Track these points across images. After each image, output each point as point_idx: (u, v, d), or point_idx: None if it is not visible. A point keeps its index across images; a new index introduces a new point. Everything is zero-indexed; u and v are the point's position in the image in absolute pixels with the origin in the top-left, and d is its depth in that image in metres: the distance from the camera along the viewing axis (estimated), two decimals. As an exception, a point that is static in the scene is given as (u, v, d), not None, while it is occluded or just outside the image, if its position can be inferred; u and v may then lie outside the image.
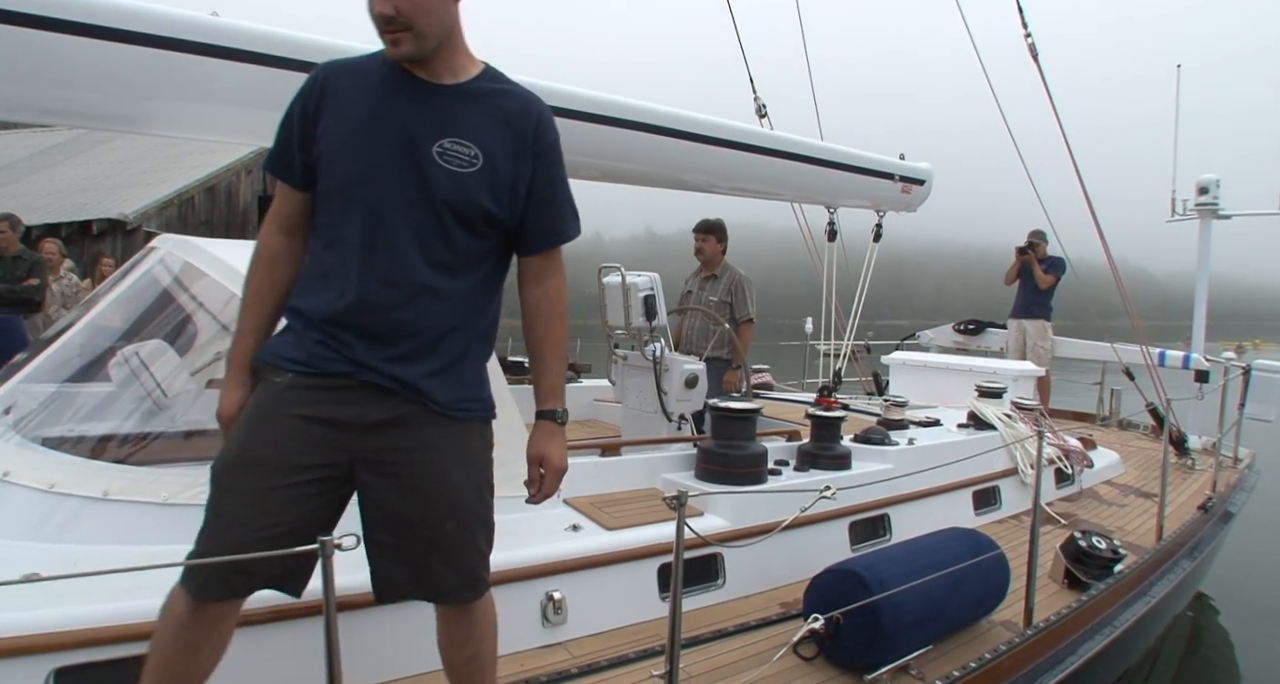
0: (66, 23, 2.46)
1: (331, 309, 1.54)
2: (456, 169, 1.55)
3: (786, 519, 2.08)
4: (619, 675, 2.15)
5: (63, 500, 2.13)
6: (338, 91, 1.58)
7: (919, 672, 2.36)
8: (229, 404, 1.60)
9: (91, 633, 1.72)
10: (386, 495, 1.56)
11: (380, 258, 1.53)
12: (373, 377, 1.53)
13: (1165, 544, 3.68)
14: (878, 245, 5.31)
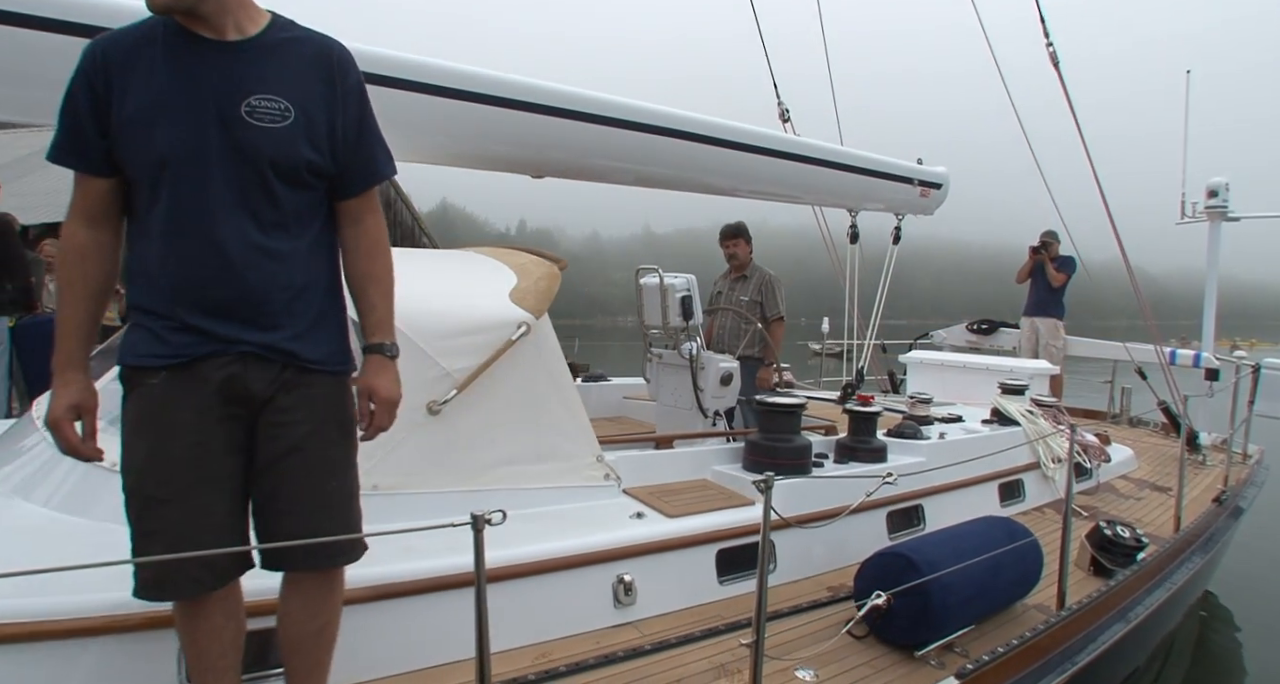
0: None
1: (178, 293, 1.52)
2: (270, 125, 1.52)
3: (853, 503, 2.24)
4: (688, 651, 2.30)
5: None
6: (125, 67, 1.49)
7: (963, 649, 2.52)
8: (57, 407, 1.51)
9: None
10: (279, 460, 1.58)
11: (213, 230, 1.50)
12: (246, 348, 1.54)
13: (1183, 534, 3.84)
14: (897, 247, 5.48)
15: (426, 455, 2.42)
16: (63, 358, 1.54)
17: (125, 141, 1.49)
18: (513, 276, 2.83)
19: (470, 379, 2.46)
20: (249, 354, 1.56)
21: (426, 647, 2.07)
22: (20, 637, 1.72)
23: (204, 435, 1.52)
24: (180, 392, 1.51)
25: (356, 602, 1.97)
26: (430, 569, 2.10)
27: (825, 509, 2.93)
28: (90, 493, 2.26)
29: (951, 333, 7.71)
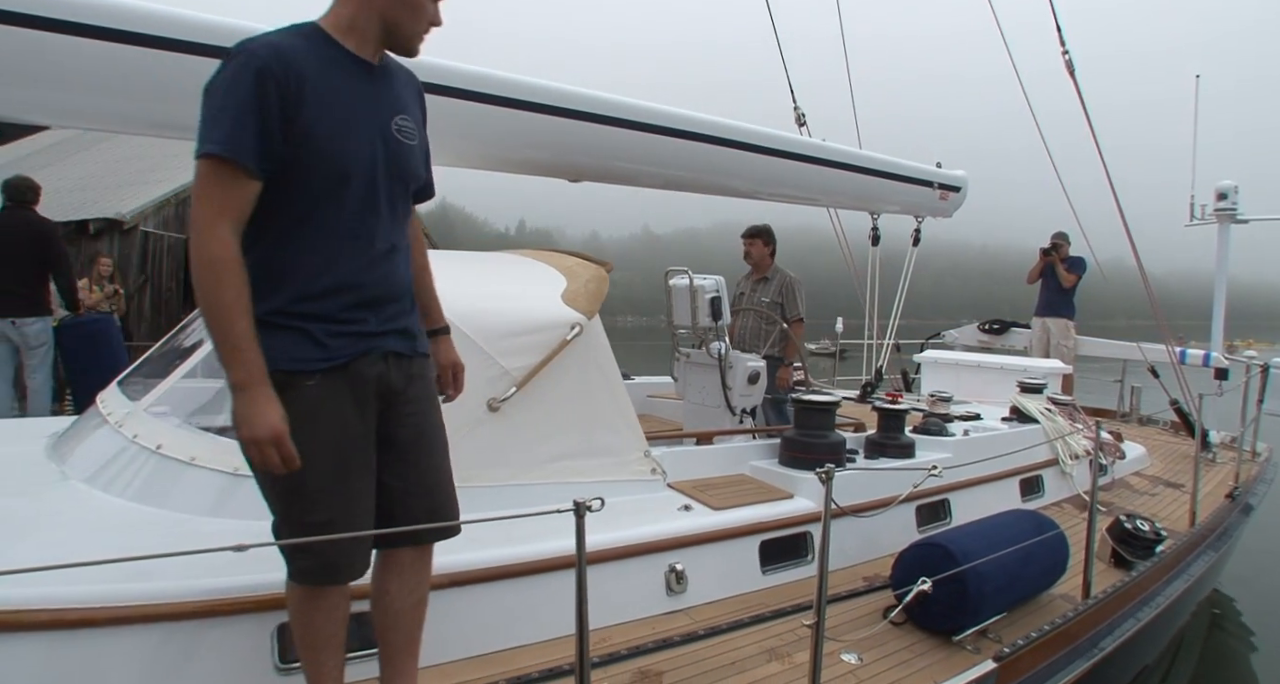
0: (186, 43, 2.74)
1: (341, 294, 1.60)
2: (410, 142, 1.70)
3: (902, 494, 2.35)
4: (740, 636, 2.42)
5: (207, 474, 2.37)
6: (311, 78, 1.55)
7: (996, 635, 2.64)
8: (275, 422, 1.48)
9: None
10: (411, 446, 1.73)
11: (375, 236, 1.64)
12: (389, 344, 1.67)
13: (1199, 528, 3.96)
14: (916, 249, 5.61)
15: (487, 450, 2.54)
16: (256, 372, 1.48)
17: (314, 151, 1.54)
18: (561, 279, 2.94)
19: (529, 377, 2.58)
20: (390, 352, 1.70)
21: (497, 630, 2.19)
22: (134, 619, 1.83)
23: (362, 429, 1.65)
24: (340, 390, 1.61)
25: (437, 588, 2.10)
26: (504, 557, 2.22)
27: (875, 499, 3.06)
28: (167, 484, 2.38)
29: (963, 333, 7.84)
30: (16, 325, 4.38)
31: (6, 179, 4.54)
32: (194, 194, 1.52)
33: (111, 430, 2.67)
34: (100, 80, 2.69)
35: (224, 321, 1.46)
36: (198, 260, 1.48)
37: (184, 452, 2.43)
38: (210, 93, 1.53)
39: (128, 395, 2.95)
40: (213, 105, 1.51)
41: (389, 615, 1.80)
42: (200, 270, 1.47)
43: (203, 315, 1.50)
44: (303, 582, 1.67)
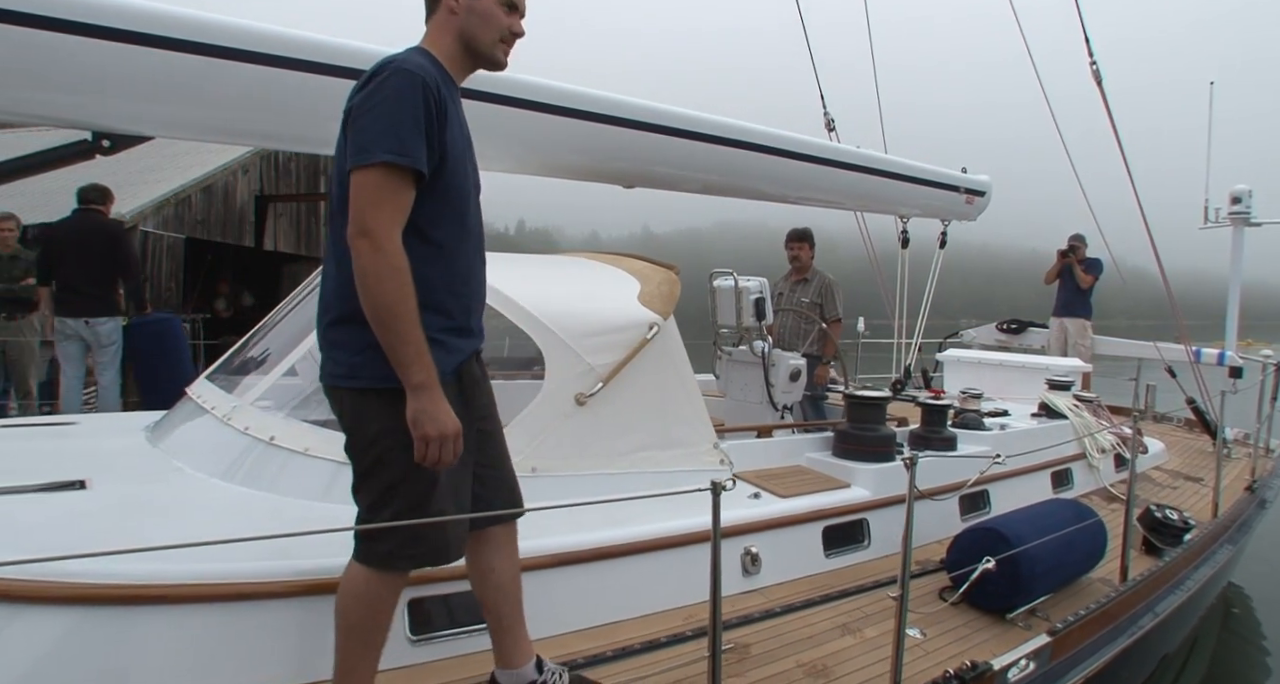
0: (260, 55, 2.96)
1: (473, 302, 1.82)
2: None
3: (971, 479, 2.56)
4: (813, 613, 2.63)
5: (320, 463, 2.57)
6: (450, 102, 1.71)
7: (1045, 614, 2.84)
8: (455, 417, 1.64)
9: (436, 573, 2.17)
10: (491, 436, 1.94)
11: (481, 245, 1.86)
12: (478, 343, 1.89)
13: (1222, 519, 4.17)
14: (943, 251, 5.81)
15: (574, 441, 2.73)
16: (434, 374, 1.60)
17: (454, 168, 1.70)
18: (634, 281, 3.14)
19: (614, 373, 2.77)
20: (477, 351, 1.90)
21: (600, 606, 2.39)
22: (282, 593, 2.01)
23: (468, 424, 1.76)
24: (452, 390, 1.74)
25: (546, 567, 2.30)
26: (606, 538, 2.42)
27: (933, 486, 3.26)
28: (282, 472, 2.57)
29: (981, 332, 8.04)
30: (90, 325, 4.58)
31: (81, 185, 4.73)
32: (369, 205, 1.55)
33: (219, 423, 2.86)
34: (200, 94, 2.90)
35: (407, 327, 1.57)
36: (381, 267, 1.54)
37: (297, 443, 2.63)
38: (375, 105, 1.57)
39: (224, 390, 3.15)
40: (381, 116, 1.56)
41: (499, 590, 1.95)
42: (384, 278, 1.54)
43: (380, 322, 1.57)
44: (405, 567, 1.78)
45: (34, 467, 2.64)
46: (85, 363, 4.68)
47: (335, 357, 1.73)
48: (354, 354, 1.68)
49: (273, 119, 3.10)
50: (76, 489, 2.47)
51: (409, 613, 2.13)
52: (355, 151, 1.58)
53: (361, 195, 1.56)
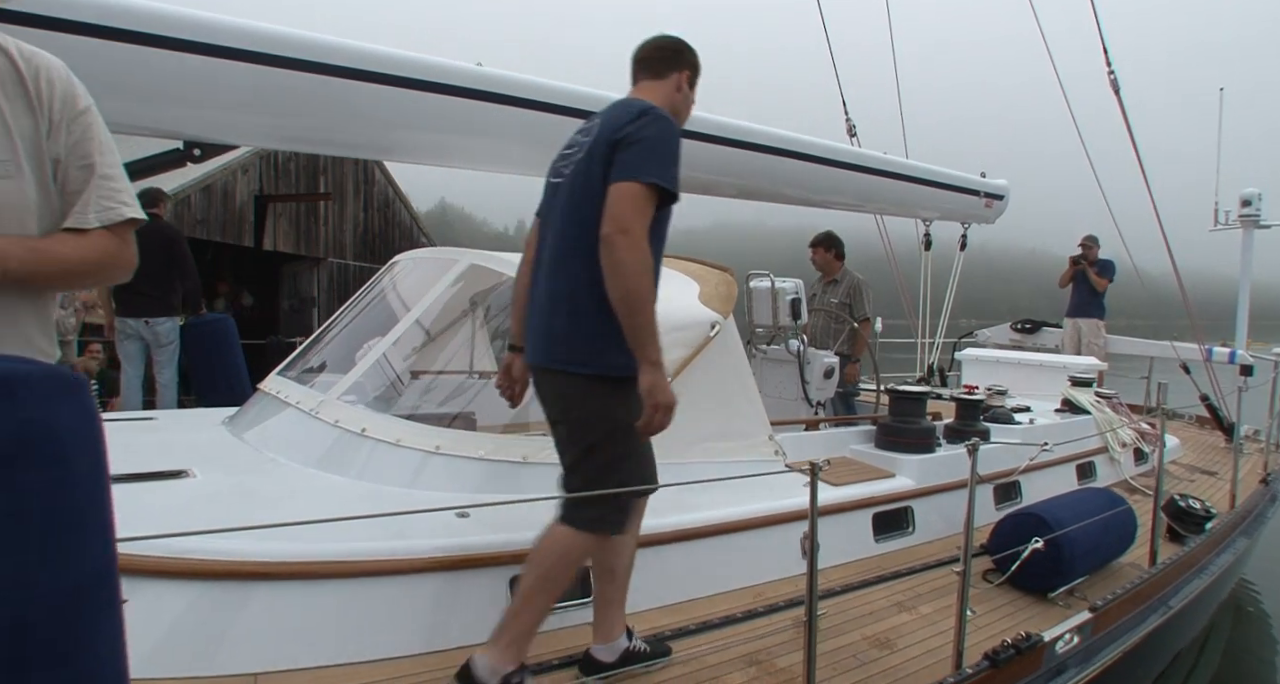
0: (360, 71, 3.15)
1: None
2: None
3: (1021, 465, 2.74)
4: (871, 592, 2.82)
5: (409, 452, 2.75)
6: None
7: (1082, 594, 3.03)
8: (673, 395, 1.95)
9: None
10: None
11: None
12: None
13: (1239, 509, 4.36)
14: (964, 253, 6.01)
15: (645, 433, 2.92)
16: (660, 356, 1.92)
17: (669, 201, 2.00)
18: (693, 282, 3.33)
19: (680, 369, 2.96)
20: None
21: (680, 583, 2.58)
22: (402, 570, 2.20)
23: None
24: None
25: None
26: (683, 522, 2.61)
27: (942, 483, 3.46)
28: (377, 462, 2.76)
29: (996, 332, 8.23)
30: (150, 325, 4.75)
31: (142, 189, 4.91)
32: (631, 210, 1.84)
33: (307, 416, 3.04)
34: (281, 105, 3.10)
35: (650, 312, 1.89)
36: (638, 260, 1.83)
37: (389, 434, 2.81)
38: (659, 139, 1.90)
39: (302, 385, 3.33)
40: (655, 146, 1.88)
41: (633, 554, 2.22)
42: (639, 270, 1.84)
43: (631, 308, 1.86)
44: (611, 531, 2.04)
45: (133, 458, 2.81)
46: (145, 362, 4.85)
47: (572, 345, 1.98)
48: (589, 342, 1.96)
49: (345, 128, 3.30)
50: (183, 478, 2.65)
51: (510, 590, 2.30)
52: (628, 170, 1.87)
53: (626, 202, 1.85)
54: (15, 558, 0.92)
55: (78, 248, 1.30)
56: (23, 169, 1.26)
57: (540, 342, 2.06)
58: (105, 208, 1.33)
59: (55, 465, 0.97)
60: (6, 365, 0.96)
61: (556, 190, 2.10)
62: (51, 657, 0.94)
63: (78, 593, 0.98)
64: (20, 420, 0.94)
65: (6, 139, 1.25)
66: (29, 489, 0.93)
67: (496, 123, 3.51)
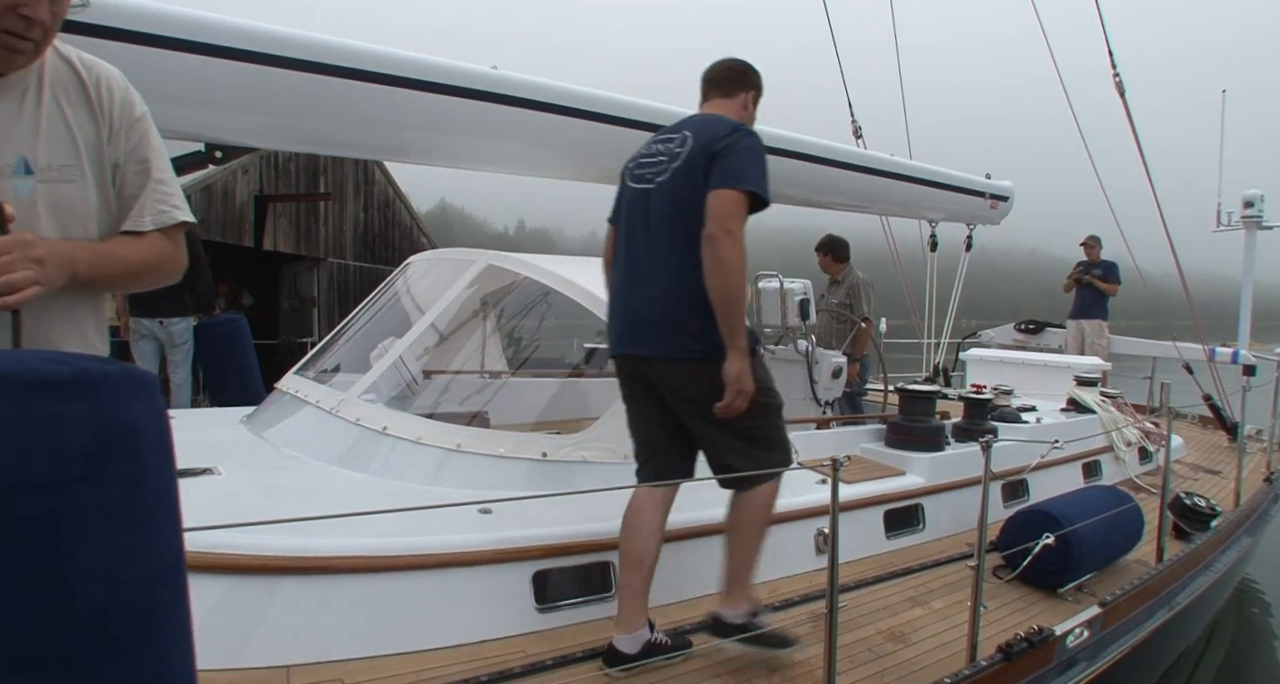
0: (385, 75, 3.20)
1: None
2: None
3: (1031, 464, 2.79)
4: (883, 588, 2.87)
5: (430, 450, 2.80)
6: None
7: (1091, 590, 3.07)
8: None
9: (558, 546, 2.41)
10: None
11: None
12: None
13: (1243, 507, 4.41)
14: (969, 254, 6.06)
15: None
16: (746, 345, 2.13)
17: None
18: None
19: (696, 368, 3.00)
20: None
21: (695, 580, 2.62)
22: (428, 565, 2.24)
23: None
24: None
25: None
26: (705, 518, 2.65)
27: (954, 480, 3.50)
28: (398, 459, 2.80)
29: (999, 332, 8.28)
30: (164, 325, 4.80)
31: None
32: (733, 213, 2.06)
33: (327, 414, 3.08)
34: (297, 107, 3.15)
35: (743, 304, 2.11)
36: (738, 258, 2.05)
37: (410, 432, 2.86)
38: (751, 152, 2.13)
39: (322, 384, 3.38)
40: (752, 159, 2.13)
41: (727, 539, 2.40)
42: (738, 266, 2.05)
43: (729, 300, 2.06)
44: (789, 464, 2.38)
45: None
46: (159, 362, 4.89)
47: (709, 336, 2.14)
48: (710, 334, 2.13)
49: (361, 130, 3.35)
50: (209, 475, 2.70)
51: (534, 584, 2.35)
52: (728, 178, 2.09)
53: (728, 207, 2.07)
54: (99, 548, 0.96)
55: (136, 250, 1.34)
56: (85, 173, 1.31)
57: (666, 336, 2.20)
58: (159, 211, 1.38)
59: (132, 461, 1.01)
60: (87, 365, 1.00)
61: (646, 196, 2.27)
62: (131, 642, 0.99)
63: (153, 582, 1.02)
64: (101, 418, 0.98)
65: (70, 145, 1.30)
66: (111, 483, 0.98)
67: (511, 125, 3.56)
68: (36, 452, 0.94)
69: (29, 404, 0.94)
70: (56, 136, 1.30)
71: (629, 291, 2.30)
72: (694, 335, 2.15)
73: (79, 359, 1.03)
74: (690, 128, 2.26)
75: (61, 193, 1.28)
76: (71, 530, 0.95)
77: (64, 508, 0.95)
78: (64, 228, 1.28)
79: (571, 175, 4.12)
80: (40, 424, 0.94)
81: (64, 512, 0.95)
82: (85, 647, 0.95)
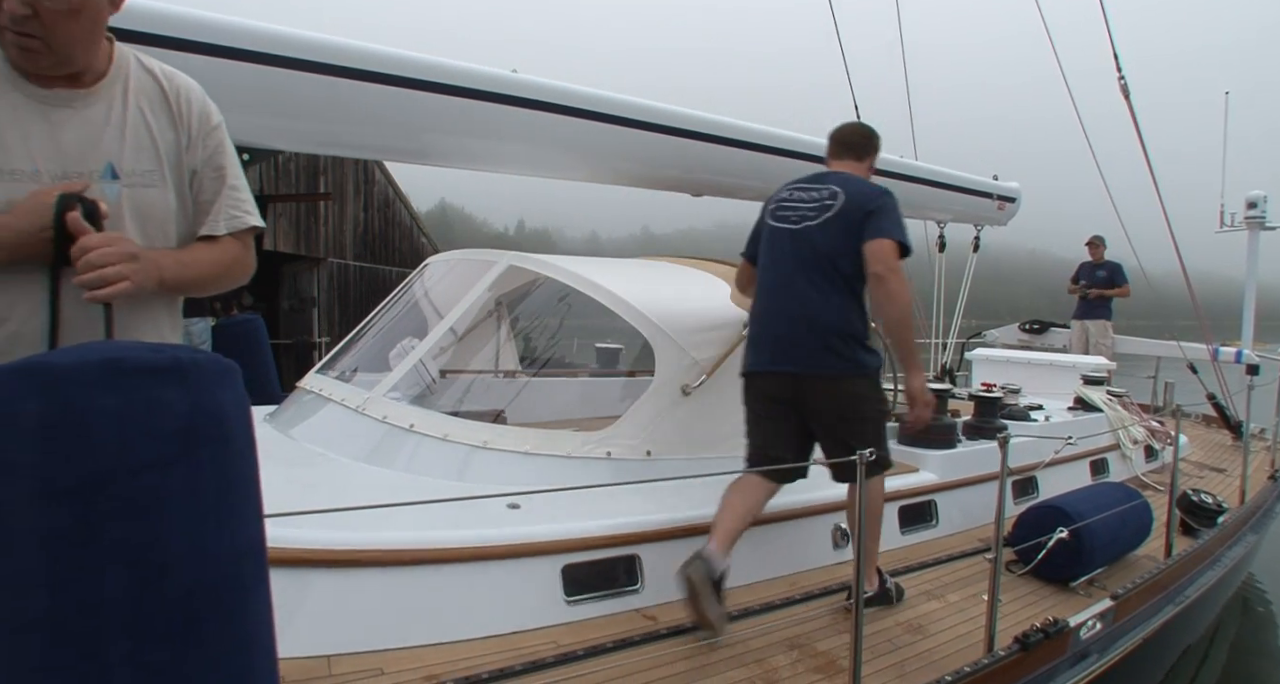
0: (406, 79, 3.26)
1: None
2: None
3: (1046, 459, 2.85)
4: (901, 581, 2.92)
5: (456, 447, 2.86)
6: None
7: (1101, 584, 3.14)
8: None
9: (586, 540, 2.47)
10: None
11: None
12: None
13: (1249, 504, 4.47)
14: (976, 255, 6.12)
15: (681, 428, 3.03)
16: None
17: None
18: (722, 283, 3.43)
19: (716, 366, 3.07)
20: None
21: None
22: (461, 558, 2.30)
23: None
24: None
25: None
26: None
27: (969, 476, 3.57)
28: (425, 456, 2.86)
29: (1004, 332, 8.34)
30: (184, 325, 4.85)
31: None
32: (893, 257, 2.53)
33: (353, 413, 3.14)
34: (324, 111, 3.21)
35: (912, 332, 2.63)
36: (906, 294, 2.52)
37: (436, 430, 2.92)
38: (892, 209, 2.60)
39: (346, 383, 3.44)
40: (900, 217, 2.61)
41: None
42: (908, 301, 2.54)
43: (903, 325, 2.59)
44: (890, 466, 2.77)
45: None
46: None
47: (849, 356, 2.58)
48: (861, 354, 2.60)
49: (380, 132, 3.41)
50: None
51: (563, 577, 2.41)
52: (886, 232, 2.54)
53: (890, 252, 2.53)
54: (193, 526, 1.03)
55: (212, 255, 1.41)
56: (166, 179, 1.38)
57: (815, 356, 2.59)
58: (233, 216, 1.44)
59: (220, 444, 1.08)
60: (180, 353, 1.07)
61: (793, 236, 2.68)
62: (220, 616, 1.05)
63: (240, 560, 1.09)
64: (193, 403, 1.05)
65: (153, 151, 1.37)
66: (201, 465, 1.04)
67: (529, 127, 3.62)
68: (137, 434, 1.00)
69: (132, 389, 1.01)
70: (140, 144, 1.36)
71: (779, 318, 2.67)
72: (838, 355, 2.57)
73: (173, 348, 1.09)
74: (837, 184, 2.68)
75: (144, 197, 1.34)
76: (167, 510, 1.01)
77: (161, 488, 1.01)
78: (145, 231, 1.35)
79: (586, 177, 4.19)
80: (141, 408, 1.01)
81: (161, 492, 1.01)
82: (178, 621, 1.01)
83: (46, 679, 0.94)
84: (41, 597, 0.95)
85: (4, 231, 1.19)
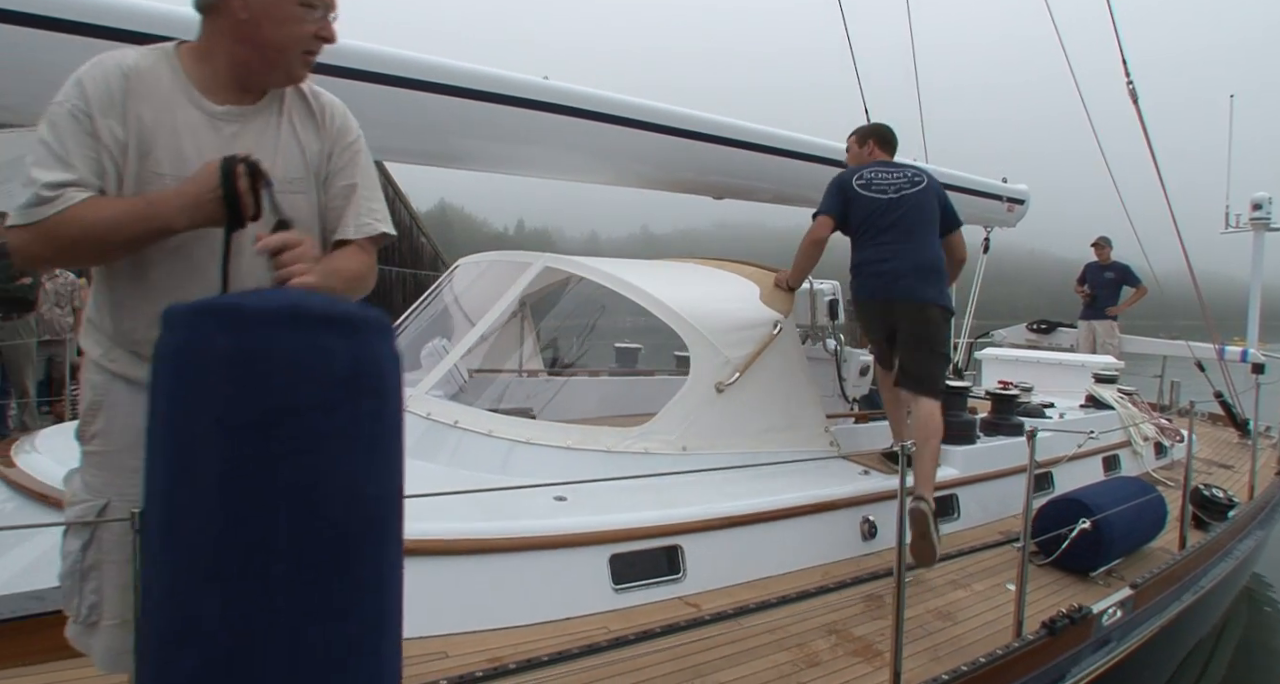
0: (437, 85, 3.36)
1: None
2: None
3: (1069, 453, 2.96)
4: (929, 573, 3.03)
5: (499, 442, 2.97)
6: None
7: (1120, 575, 3.25)
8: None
9: (632, 531, 2.58)
10: None
11: None
12: None
13: (1258, 499, 4.59)
14: (986, 256, 6.24)
15: (715, 424, 3.14)
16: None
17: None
18: (753, 284, 3.55)
19: (748, 364, 3.18)
20: None
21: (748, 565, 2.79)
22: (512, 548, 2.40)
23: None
24: None
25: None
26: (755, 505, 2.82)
27: (991, 470, 3.68)
28: (470, 451, 2.97)
29: (1012, 332, 8.44)
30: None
31: None
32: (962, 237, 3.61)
33: None
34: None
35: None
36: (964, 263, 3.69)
37: (481, 426, 3.03)
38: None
39: None
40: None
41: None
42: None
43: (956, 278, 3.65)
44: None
45: None
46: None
47: (938, 288, 3.33)
48: (939, 290, 3.32)
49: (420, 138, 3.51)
50: None
51: (611, 566, 2.52)
52: (958, 221, 3.58)
53: (962, 239, 3.61)
54: (349, 469, 1.12)
55: (348, 261, 1.51)
56: (311, 187, 1.49)
57: (914, 288, 3.30)
58: (363, 223, 1.55)
59: (378, 395, 1.16)
60: (349, 307, 1.16)
61: (888, 203, 3.37)
62: (363, 556, 1.14)
63: (385, 506, 1.18)
64: (357, 354, 1.13)
65: (301, 161, 1.49)
66: (360, 412, 1.13)
67: (558, 132, 3.72)
68: (309, 378, 1.09)
69: (309, 335, 1.10)
70: (291, 153, 1.49)
71: (885, 261, 3.34)
72: (931, 288, 3.30)
73: (344, 301, 1.19)
74: (915, 171, 3.49)
75: (294, 203, 1.45)
76: (327, 451, 1.10)
77: (324, 429, 1.10)
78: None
79: (610, 180, 4.30)
80: (315, 353, 1.10)
81: (323, 433, 1.10)
82: (327, 555, 1.10)
83: (211, 589, 1.05)
84: (217, 518, 1.05)
85: (182, 197, 1.31)
